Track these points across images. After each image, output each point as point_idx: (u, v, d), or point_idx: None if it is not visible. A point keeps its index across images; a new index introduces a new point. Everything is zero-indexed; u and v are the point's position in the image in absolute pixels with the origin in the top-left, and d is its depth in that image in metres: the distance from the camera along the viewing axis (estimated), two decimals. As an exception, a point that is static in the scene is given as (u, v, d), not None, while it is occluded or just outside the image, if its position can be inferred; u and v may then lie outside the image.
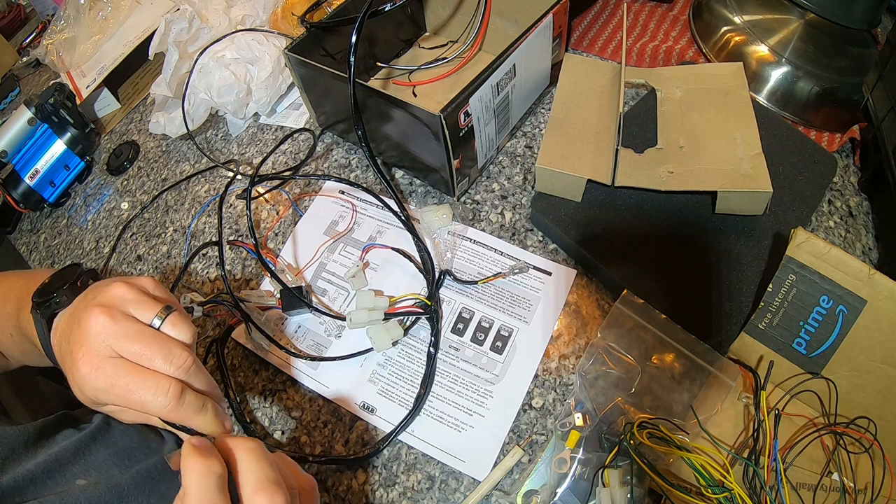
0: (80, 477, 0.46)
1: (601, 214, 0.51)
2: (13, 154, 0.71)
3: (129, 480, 0.48)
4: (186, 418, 0.34)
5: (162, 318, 0.35)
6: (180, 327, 0.35)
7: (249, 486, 0.30)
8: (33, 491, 0.43)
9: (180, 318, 0.35)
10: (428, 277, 0.53)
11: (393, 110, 0.52)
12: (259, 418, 0.50)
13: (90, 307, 0.34)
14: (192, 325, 0.36)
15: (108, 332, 0.33)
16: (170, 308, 0.35)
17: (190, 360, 0.34)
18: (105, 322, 0.33)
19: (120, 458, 0.50)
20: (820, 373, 0.40)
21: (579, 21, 0.72)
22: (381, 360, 0.50)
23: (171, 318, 0.35)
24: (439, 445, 0.46)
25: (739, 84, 0.55)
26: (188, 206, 0.67)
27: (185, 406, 0.33)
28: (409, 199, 0.60)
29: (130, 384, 0.32)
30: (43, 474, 0.44)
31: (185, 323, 0.35)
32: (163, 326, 0.35)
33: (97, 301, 0.35)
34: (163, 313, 0.35)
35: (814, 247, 0.37)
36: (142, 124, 0.79)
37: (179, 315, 0.36)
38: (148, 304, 0.35)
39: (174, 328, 0.35)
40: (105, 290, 0.35)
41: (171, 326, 0.35)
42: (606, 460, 0.40)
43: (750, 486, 0.37)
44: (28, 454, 0.46)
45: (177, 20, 0.67)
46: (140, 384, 0.32)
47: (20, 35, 1.10)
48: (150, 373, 0.33)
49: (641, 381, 0.42)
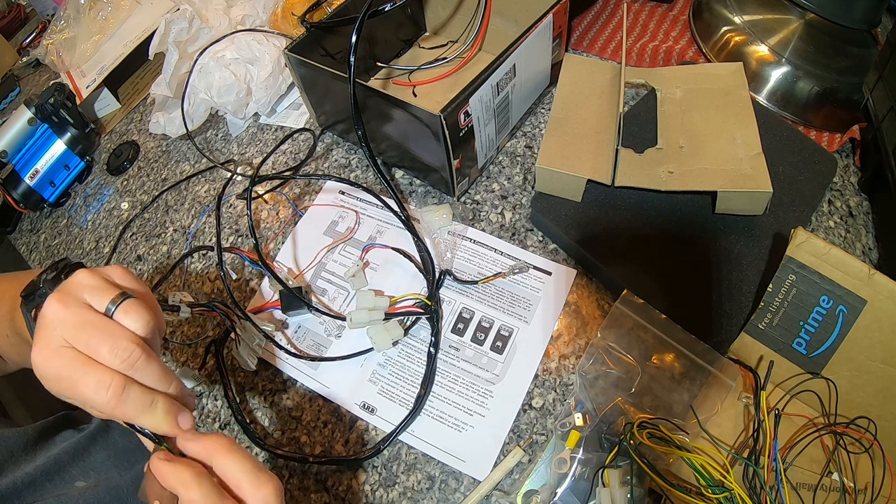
0: (80, 479, 0.46)
1: (601, 214, 0.51)
2: (13, 154, 0.71)
3: (129, 482, 0.48)
4: (130, 416, 0.31)
5: (115, 305, 0.32)
6: (133, 315, 0.32)
7: (245, 480, 0.30)
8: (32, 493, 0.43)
9: (135, 306, 0.32)
10: (428, 277, 0.53)
11: (393, 110, 0.52)
12: (259, 418, 0.50)
13: (48, 299, 0.32)
14: (151, 314, 0.33)
15: (59, 319, 0.31)
16: (126, 295, 0.32)
17: (136, 351, 0.31)
18: (57, 309, 0.31)
19: (119, 460, 0.50)
20: (820, 373, 0.40)
21: (579, 21, 0.72)
22: (381, 360, 0.50)
23: (124, 304, 0.32)
24: (439, 445, 0.46)
25: (739, 84, 0.55)
26: (188, 206, 0.67)
27: (128, 403, 0.30)
28: (409, 199, 0.60)
29: (73, 377, 0.30)
30: (42, 477, 0.44)
31: (139, 311, 0.32)
32: (115, 314, 0.32)
33: (56, 289, 0.33)
34: (118, 299, 0.32)
35: (814, 247, 0.37)
36: (142, 124, 0.79)
37: (135, 303, 0.32)
38: (104, 291, 0.32)
39: (126, 316, 0.32)
40: (68, 279, 0.33)
41: (123, 314, 0.32)
42: (606, 460, 0.40)
43: (750, 486, 0.37)
44: (27, 457, 0.46)
45: (177, 20, 0.67)
46: (82, 378, 0.30)
47: (20, 35, 1.10)
48: (94, 366, 0.30)
49: (641, 381, 0.42)
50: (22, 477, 0.43)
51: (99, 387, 0.30)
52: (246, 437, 0.49)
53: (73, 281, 0.33)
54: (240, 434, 0.49)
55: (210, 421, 0.51)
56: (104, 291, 0.32)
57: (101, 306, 0.32)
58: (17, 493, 0.42)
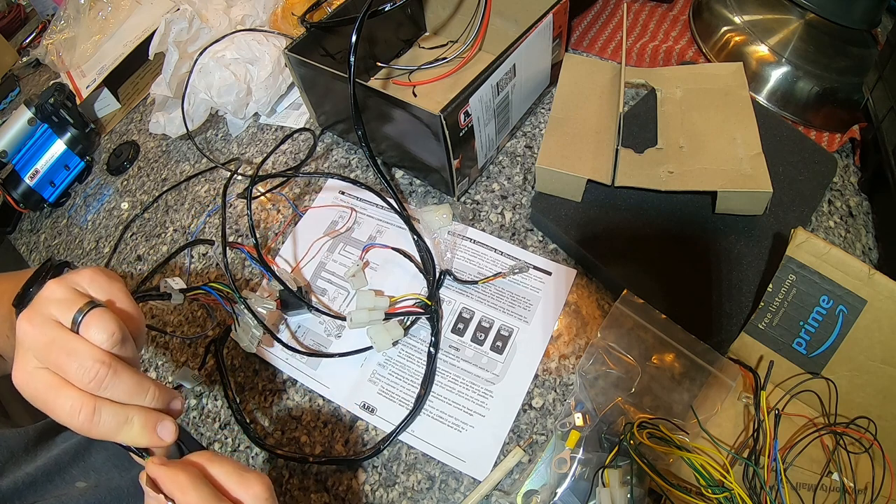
0: (80, 479, 0.46)
1: (601, 214, 0.51)
2: (13, 154, 0.71)
3: (129, 483, 0.48)
4: (106, 436, 0.30)
5: (82, 315, 0.30)
6: (96, 327, 0.30)
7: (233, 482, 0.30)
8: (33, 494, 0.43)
9: (98, 317, 0.30)
10: (428, 277, 0.53)
11: (393, 110, 0.52)
12: (259, 418, 0.50)
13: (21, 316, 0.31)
14: (116, 322, 0.30)
15: (29, 340, 0.30)
16: (93, 304, 0.31)
17: (101, 370, 0.29)
18: (26, 329, 0.30)
19: (119, 460, 0.50)
20: (820, 373, 0.40)
21: (579, 21, 0.72)
22: (381, 360, 0.50)
23: (87, 317, 0.30)
24: (440, 445, 0.46)
25: (739, 84, 0.55)
26: (188, 206, 0.67)
27: (101, 425, 0.29)
28: (409, 199, 0.60)
29: (47, 401, 0.29)
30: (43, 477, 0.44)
31: (103, 321, 0.30)
32: (80, 329, 0.30)
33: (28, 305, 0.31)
34: (84, 308, 0.30)
35: (814, 247, 0.37)
36: (142, 124, 0.79)
37: (98, 314, 0.30)
38: (70, 303, 0.30)
39: (89, 329, 0.30)
40: (38, 292, 0.32)
41: (86, 327, 0.30)
42: (606, 460, 0.40)
43: (750, 486, 0.37)
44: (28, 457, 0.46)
45: (177, 20, 0.67)
46: (55, 401, 0.29)
47: (20, 35, 1.10)
48: (66, 390, 0.29)
49: (641, 381, 0.42)
50: (23, 477, 0.43)
51: (71, 412, 0.29)
52: (246, 437, 0.49)
53: (42, 295, 0.31)
54: (240, 434, 0.49)
55: (210, 421, 0.51)
56: (70, 303, 0.30)
57: (66, 320, 0.30)
58: (19, 493, 0.42)
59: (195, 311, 0.58)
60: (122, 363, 0.30)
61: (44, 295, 0.31)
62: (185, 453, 0.35)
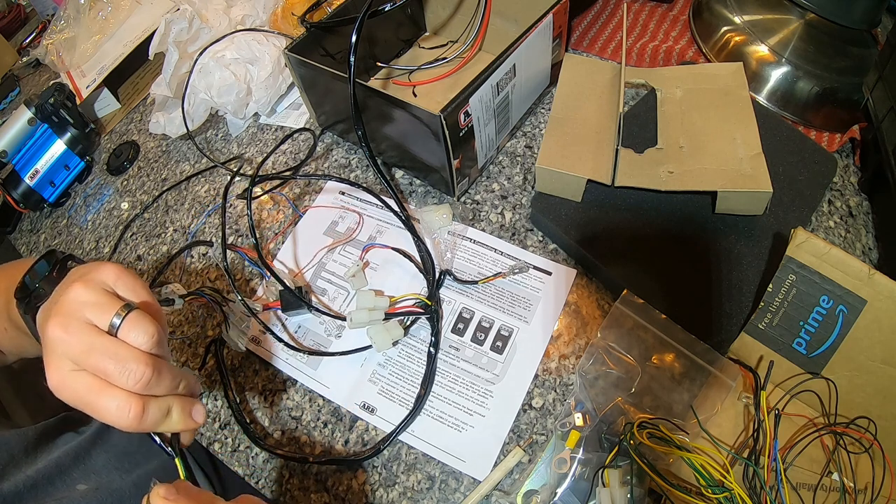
0: (81, 482, 0.46)
1: (601, 214, 0.51)
2: (13, 154, 0.71)
3: (130, 485, 0.48)
4: (151, 429, 0.32)
5: (121, 319, 0.31)
6: (138, 330, 0.31)
7: None
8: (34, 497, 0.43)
9: (139, 320, 0.32)
10: (428, 277, 0.53)
11: (393, 110, 0.52)
12: (259, 418, 0.50)
13: (49, 318, 0.32)
14: (155, 324, 0.32)
15: (65, 346, 0.31)
16: (129, 307, 0.32)
17: (147, 373, 0.31)
18: (60, 336, 0.31)
19: (120, 462, 0.50)
20: (820, 373, 0.40)
21: (579, 21, 0.72)
22: (381, 360, 0.50)
23: (126, 321, 0.31)
24: (440, 445, 0.46)
25: (739, 84, 0.55)
26: (188, 206, 0.67)
27: (148, 421, 0.31)
28: (409, 199, 0.60)
29: (91, 402, 0.30)
30: (44, 480, 0.44)
31: (144, 324, 0.32)
32: (120, 331, 0.31)
33: (55, 310, 0.32)
34: (122, 312, 0.31)
35: (814, 247, 0.37)
36: (142, 124, 0.79)
37: (138, 316, 0.32)
38: (105, 306, 0.32)
39: (131, 332, 0.31)
40: (64, 295, 0.32)
41: (128, 331, 0.31)
42: (606, 460, 0.40)
43: (750, 486, 0.37)
44: (28, 460, 0.46)
45: (177, 20, 0.67)
46: (99, 402, 0.30)
47: (20, 35, 1.10)
48: (110, 391, 0.30)
49: (641, 381, 0.42)
50: (23, 480, 0.43)
51: (119, 411, 0.30)
52: (246, 437, 0.49)
53: (71, 299, 0.32)
54: (240, 434, 0.49)
55: (210, 421, 0.51)
56: (105, 307, 0.32)
57: (104, 324, 0.31)
58: (20, 496, 0.42)
59: (195, 311, 0.58)
60: (162, 362, 0.32)
61: (72, 298, 0.32)
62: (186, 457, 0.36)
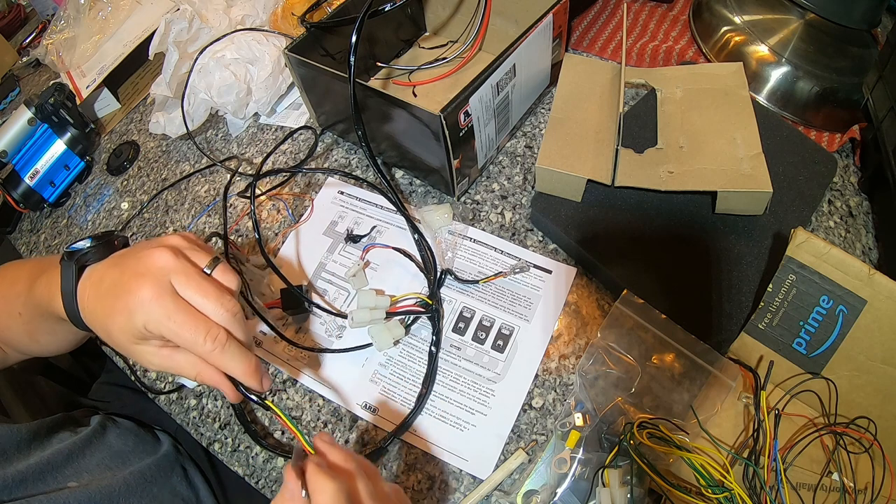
0: (73, 480, 0.46)
1: (601, 214, 0.52)
2: (13, 154, 0.71)
3: (121, 482, 0.48)
4: (226, 366, 0.36)
5: (212, 266, 0.37)
6: (229, 276, 0.38)
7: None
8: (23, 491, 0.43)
9: (228, 268, 0.38)
10: (429, 277, 0.53)
11: (393, 110, 0.52)
12: (259, 418, 0.50)
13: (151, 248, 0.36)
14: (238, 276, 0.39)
15: (171, 267, 0.35)
16: (218, 259, 0.38)
17: (238, 306, 0.36)
18: (169, 258, 0.36)
19: (114, 461, 0.50)
20: (820, 373, 0.40)
21: (579, 21, 0.72)
22: (382, 360, 0.50)
23: (220, 266, 0.38)
24: (442, 444, 0.46)
25: (739, 84, 0.55)
26: (188, 206, 0.67)
27: (227, 353, 0.35)
28: (409, 199, 0.60)
29: (185, 322, 0.34)
30: (34, 476, 0.44)
31: (232, 273, 0.38)
32: (214, 273, 0.37)
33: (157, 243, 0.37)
34: (212, 263, 0.37)
35: (814, 247, 0.37)
36: (142, 124, 0.79)
37: (226, 265, 0.38)
38: (202, 252, 0.38)
39: (224, 275, 0.37)
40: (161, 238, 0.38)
41: (222, 274, 0.37)
42: (606, 460, 0.40)
43: (750, 486, 0.37)
44: (20, 455, 0.46)
45: (177, 20, 0.67)
46: (193, 324, 0.34)
47: (20, 35, 1.10)
48: (203, 316, 0.35)
49: (641, 381, 0.42)
50: (13, 475, 0.43)
51: (209, 336, 0.34)
52: (246, 437, 0.49)
53: (173, 241, 0.38)
54: (240, 434, 0.49)
55: (210, 421, 0.51)
56: (202, 253, 0.38)
57: (201, 265, 0.37)
58: (7, 490, 0.42)
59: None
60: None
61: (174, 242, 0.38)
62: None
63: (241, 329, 0.37)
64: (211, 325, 0.35)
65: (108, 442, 0.52)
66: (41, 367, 0.73)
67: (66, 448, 0.48)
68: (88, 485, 0.46)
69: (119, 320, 0.35)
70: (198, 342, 0.34)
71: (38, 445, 0.48)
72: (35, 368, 0.72)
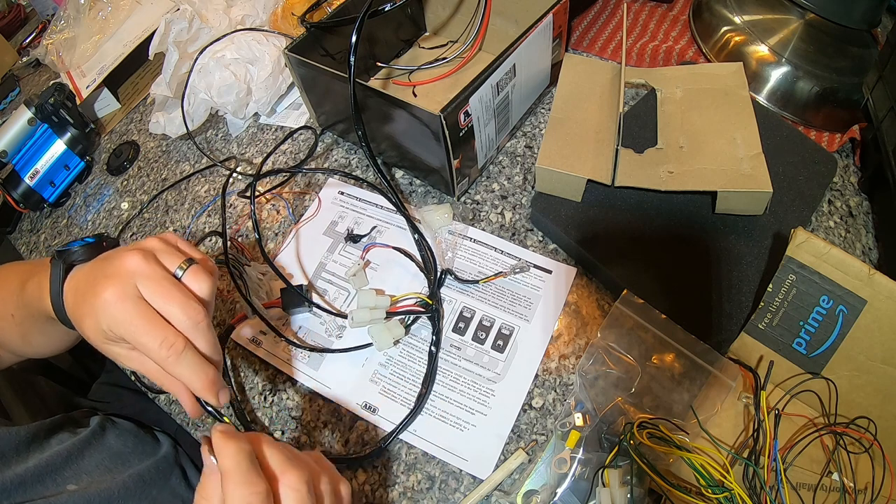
0: (72, 482, 0.46)
1: (601, 214, 0.52)
2: (13, 154, 0.71)
3: (120, 485, 0.48)
4: (181, 375, 0.34)
5: (183, 269, 0.36)
6: (199, 281, 0.36)
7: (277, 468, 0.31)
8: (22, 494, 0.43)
9: (200, 272, 0.36)
10: (429, 276, 0.53)
11: (393, 110, 0.52)
12: (259, 418, 0.50)
13: (124, 251, 0.36)
14: (212, 280, 0.37)
15: (139, 270, 0.35)
16: (192, 261, 0.37)
17: (202, 314, 0.35)
18: (138, 261, 0.35)
19: (113, 463, 0.50)
20: (820, 373, 0.40)
21: (579, 21, 0.72)
22: (382, 360, 0.50)
23: (191, 270, 0.36)
24: (442, 444, 0.46)
25: (739, 84, 0.55)
26: (188, 206, 0.67)
27: (182, 364, 0.34)
28: (409, 199, 0.60)
29: (142, 326, 0.33)
30: (33, 479, 0.44)
31: (203, 277, 0.36)
32: (183, 277, 0.36)
33: (133, 245, 0.37)
34: (185, 265, 0.36)
35: (814, 247, 0.37)
36: (142, 124, 0.79)
37: (199, 268, 0.37)
38: (174, 255, 0.37)
39: (194, 280, 0.36)
40: (140, 241, 0.38)
41: (192, 278, 0.36)
42: (606, 460, 0.40)
43: (750, 486, 0.37)
44: (19, 458, 0.46)
45: (177, 20, 0.67)
46: (150, 330, 0.33)
47: (20, 35, 1.10)
48: (162, 323, 0.34)
49: (641, 381, 0.42)
50: (11, 478, 0.43)
51: (163, 343, 0.33)
52: (246, 437, 0.49)
53: (147, 243, 0.37)
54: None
55: (210, 421, 0.51)
56: (174, 255, 0.37)
57: (171, 268, 0.36)
58: (6, 493, 0.42)
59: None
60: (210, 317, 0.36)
61: (149, 244, 0.37)
62: None
63: (204, 338, 0.35)
64: (169, 331, 0.34)
65: (107, 443, 0.52)
66: (41, 368, 0.73)
67: (65, 450, 0.48)
68: (87, 488, 0.46)
69: (88, 322, 0.36)
70: (153, 348, 0.33)
71: (36, 448, 0.48)
72: (35, 368, 0.72)
